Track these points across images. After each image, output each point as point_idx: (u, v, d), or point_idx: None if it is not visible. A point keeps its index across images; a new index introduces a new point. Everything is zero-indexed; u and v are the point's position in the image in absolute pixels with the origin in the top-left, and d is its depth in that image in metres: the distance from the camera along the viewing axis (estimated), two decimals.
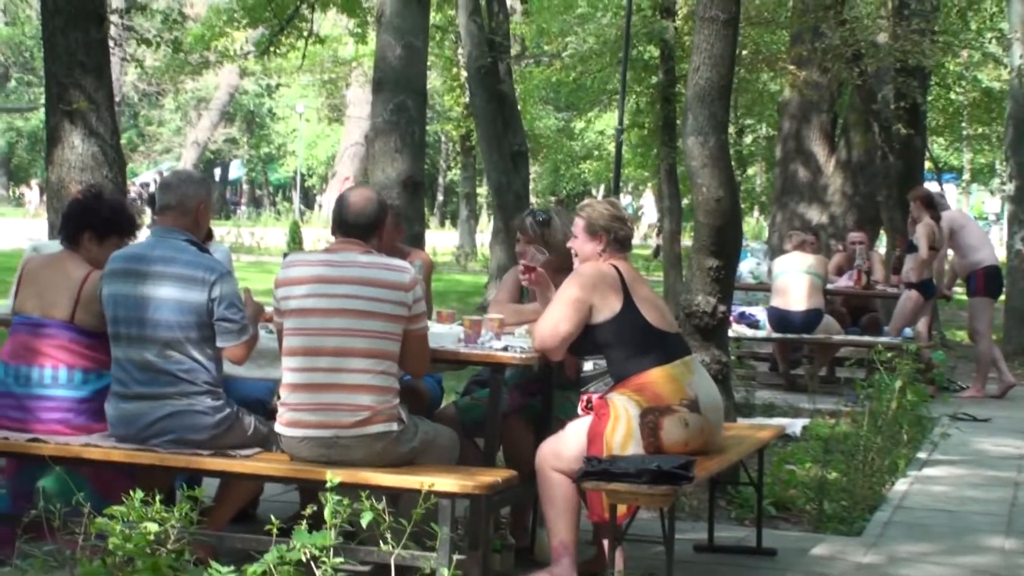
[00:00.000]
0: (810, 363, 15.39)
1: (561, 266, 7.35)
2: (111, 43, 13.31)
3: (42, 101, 19.03)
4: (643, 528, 7.25)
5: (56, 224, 11.64)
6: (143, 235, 7.16)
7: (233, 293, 6.62)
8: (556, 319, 6.79)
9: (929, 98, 23.68)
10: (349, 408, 6.32)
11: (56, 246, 7.42)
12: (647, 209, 53.17)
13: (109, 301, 6.67)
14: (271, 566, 4.67)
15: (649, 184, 49.10)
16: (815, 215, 20.00)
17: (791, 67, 20.29)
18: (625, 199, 56.66)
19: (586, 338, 6.84)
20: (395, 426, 6.37)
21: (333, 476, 5.40)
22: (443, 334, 7.07)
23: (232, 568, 4.60)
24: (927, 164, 25.73)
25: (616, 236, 7.04)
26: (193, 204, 6.81)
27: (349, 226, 6.61)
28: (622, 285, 6.84)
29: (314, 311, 6.41)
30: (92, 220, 7.08)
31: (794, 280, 14.88)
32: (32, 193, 61.74)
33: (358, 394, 6.34)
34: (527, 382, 7.55)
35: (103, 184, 11.07)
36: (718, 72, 9.12)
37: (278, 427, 6.48)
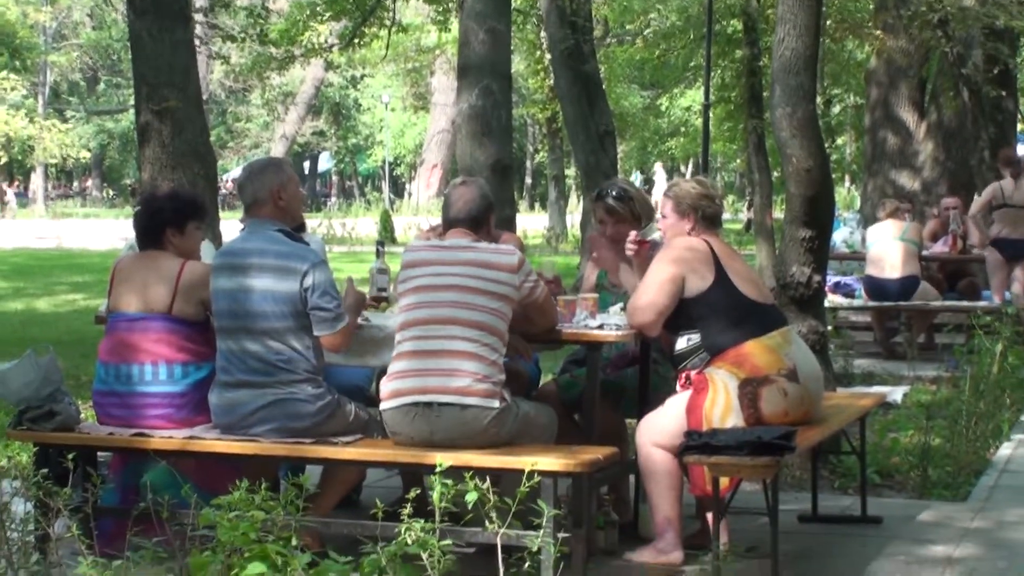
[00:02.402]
0: (908, 330, 15.28)
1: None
2: (197, 42, 13.44)
3: (131, 102, 19.22)
4: (746, 500, 7.22)
5: None
6: (236, 229, 7.22)
7: (326, 282, 6.66)
8: (651, 294, 6.80)
9: (1019, 60, 23.37)
10: (449, 372, 6.41)
11: None
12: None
13: (214, 296, 6.76)
14: (383, 556, 4.70)
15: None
16: (907, 182, 19.81)
17: (877, 32, 20.09)
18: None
19: (680, 313, 6.85)
20: (496, 403, 6.41)
21: (437, 459, 5.45)
22: None
23: (348, 559, 4.63)
24: (1020, 126, 25.41)
25: (704, 213, 7.04)
26: (265, 194, 6.83)
27: (457, 221, 6.79)
28: (714, 259, 6.85)
29: (425, 287, 6.57)
30: (168, 216, 7.14)
31: (889, 248, 14.77)
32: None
33: (460, 359, 6.43)
34: (617, 357, 7.57)
35: (151, 185, 11.20)
36: (803, 42, 9.05)
37: (383, 404, 6.56)
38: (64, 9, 64.77)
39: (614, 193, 7.66)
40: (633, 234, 7.30)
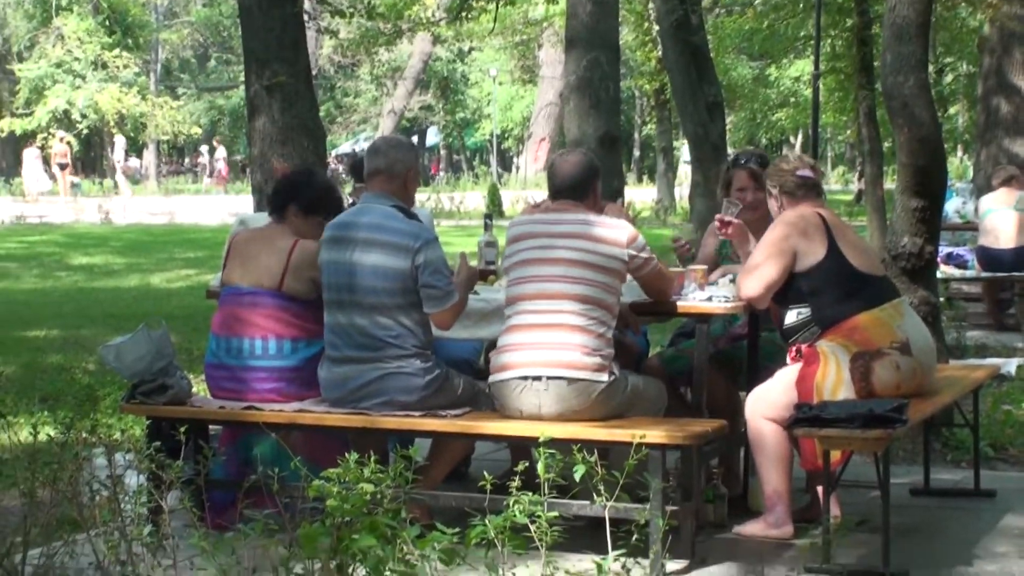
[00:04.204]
0: (1021, 301, 15.05)
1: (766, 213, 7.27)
2: (306, 16, 13.49)
3: (241, 79, 19.30)
4: (857, 474, 7.14)
5: (260, 196, 11.88)
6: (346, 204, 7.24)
7: (438, 259, 6.68)
8: (760, 266, 6.75)
9: None
10: (558, 346, 6.43)
11: (262, 219, 7.57)
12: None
13: (324, 268, 6.80)
14: (491, 527, 4.69)
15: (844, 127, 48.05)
16: (1021, 150, 19.47)
17: None
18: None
19: (791, 286, 6.79)
20: (605, 376, 6.41)
21: (544, 431, 5.45)
22: None
23: (456, 530, 4.64)
24: None
25: (784, 188, 6.98)
26: (401, 169, 6.89)
27: (562, 190, 6.77)
28: (826, 230, 6.78)
29: (533, 261, 6.59)
30: (300, 195, 7.19)
31: (1002, 217, 14.56)
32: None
33: (569, 332, 6.44)
34: (731, 332, 7.53)
35: (313, 163, 11.25)
36: (915, 9, 8.93)
37: (491, 377, 6.58)
38: None
39: (756, 160, 7.63)
40: (718, 217, 7.28)
